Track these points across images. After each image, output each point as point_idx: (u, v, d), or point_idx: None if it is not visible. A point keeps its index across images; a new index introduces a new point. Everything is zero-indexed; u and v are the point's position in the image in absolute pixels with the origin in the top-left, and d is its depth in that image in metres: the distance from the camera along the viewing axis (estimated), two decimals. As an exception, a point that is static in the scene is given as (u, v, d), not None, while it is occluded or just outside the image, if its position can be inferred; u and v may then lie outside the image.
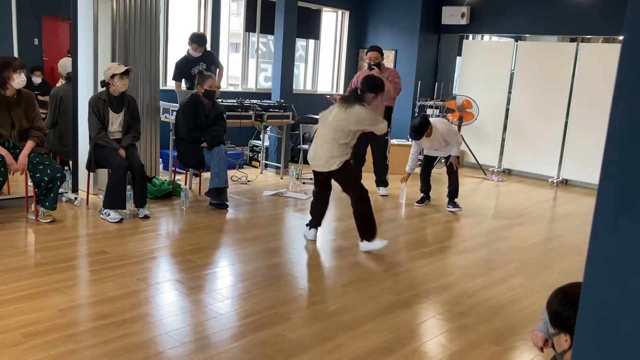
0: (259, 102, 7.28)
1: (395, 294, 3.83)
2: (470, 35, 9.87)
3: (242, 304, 3.51)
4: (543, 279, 4.33)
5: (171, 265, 4.13)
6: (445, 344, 3.18)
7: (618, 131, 0.83)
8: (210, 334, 3.09)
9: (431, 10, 9.57)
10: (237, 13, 9.10)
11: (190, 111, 5.69)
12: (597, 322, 0.87)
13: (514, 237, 5.43)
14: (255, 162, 8.04)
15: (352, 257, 4.53)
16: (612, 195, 0.86)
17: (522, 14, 8.74)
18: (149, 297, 3.52)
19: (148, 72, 6.03)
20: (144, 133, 5.96)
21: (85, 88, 5.62)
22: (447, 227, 5.69)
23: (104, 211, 5.02)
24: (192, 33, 6.83)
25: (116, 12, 5.67)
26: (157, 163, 6.30)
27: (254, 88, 9.14)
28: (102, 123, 5.12)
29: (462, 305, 3.72)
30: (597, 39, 8.71)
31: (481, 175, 8.62)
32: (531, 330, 2.09)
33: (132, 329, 3.07)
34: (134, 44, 5.86)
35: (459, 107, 8.92)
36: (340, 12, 10.14)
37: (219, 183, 5.57)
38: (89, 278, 3.75)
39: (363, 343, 3.10)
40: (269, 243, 4.73)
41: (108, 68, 5.15)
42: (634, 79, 0.79)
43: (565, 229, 5.89)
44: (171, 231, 4.97)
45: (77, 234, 4.67)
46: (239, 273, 4.05)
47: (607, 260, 0.87)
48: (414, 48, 9.58)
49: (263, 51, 9.61)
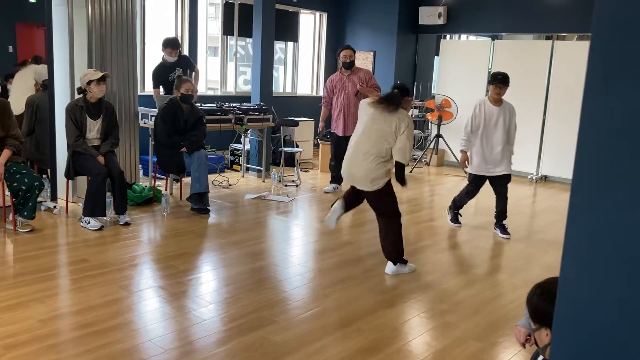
0: (238, 106, 7.25)
1: (379, 294, 3.84)
2: (447, 35, 9.95)
3: (226, 309, 3.49)
4: (525, 275, 4.37)
5: (153, 271, 4.10)
6: (430, 342, 3.20)
7: (590, 127, 0.85)
8: (194, 340, 3.07)
9: (408, 11, 9.63)
10: (215, 17, 9.07)
11: (169, 116, 5.65)
12: (574, 314, 0.88)
13: (494, 234, 5.48)
14: (237, 166, 8.01)
15: (336, 259, 4.53)
16: (586, 190, 0.87)
17: (498, 13, 8.84)
18: (131, 304, 3.49)
19: (125, 77, 5.98)
20: (123, 139, 5.91)
21: (61, 95, 5.55)
22: (429, 226, 5.73)
23: (84, 219, 4.96)
24: (164, 38, 6.79)
25: (91, 18, 5.61)
26: (136, 169, 6.25)
27: (233, 91, 9.11)
28: (80, 130, 5.06)
29: (446, 303, 3.75)
30: (571, 36, 8.84)
31: (461, 173, 8.68)
32: (514, 326, 2.11)
33: (115, 337, 3.03)
34: (111, 49, 5.80)
35: (438, 107, 8.99)
36: (318, 14, 10.15)
37: (200, 188, 5.54)
38: (69, 287, 3.70)
39: (348, 344, 3.11)
40: (252, 247, 4.72)
41: (84, 74, 5.10)
42: (602, 74, 0.81)
43: (545, 225, 5.96)
44: (153, 237, 4.93)
45: (57, 243, 4.61)
46: (222, 278, 4.03)
47: (581, 254, 0.88)
48: (392, 49, 9.63)
49: (242, 54, 9.59)
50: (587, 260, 0.88)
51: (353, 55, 6.76)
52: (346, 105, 6.70)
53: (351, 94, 6.68)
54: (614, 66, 0.82)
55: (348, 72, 6.75)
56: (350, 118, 6.71)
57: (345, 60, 6.71)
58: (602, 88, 0.82)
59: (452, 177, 8.49)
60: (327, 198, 6.54)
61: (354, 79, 6.70)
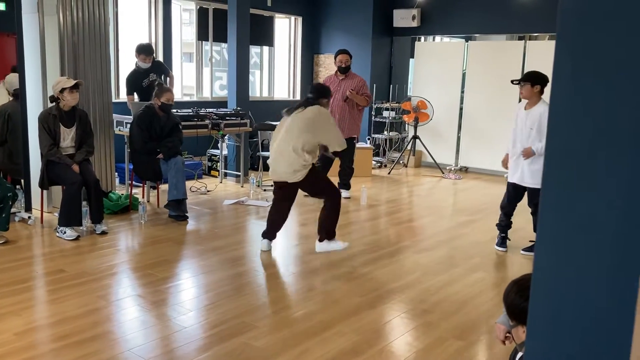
0: (215, 111, 7.22)
1: (360, 296, 3.85)
2: (422, 37, 10.03)
3: (206, 316, 3.47)
4: (503, 273, 4.42)
5: (132, 280, 4.05)
6: (412, 342, 3.21)
7: (558, 125, 0.86)
8: (175, 348, 3.05)
9: (382, 14, 9.69)
10: (189, 22, 9.02)
11: (145, 123, 5.60)
12: (547, 310, 0.89)
13: (473, 233, 5.53)
14: (215, 172, 7.97)
15: (316, 262, 4.53)
16: (556, 188, 0.88)
17: (471, 15, 8.94)
18: (110, 314, 3.44)
19: (99, 84, 5.91)
20: (98, 147, 5.84)
21: (34, 104, 5.47)
22: (408, 227, 5.76)
23: (60, 229, 4.89)
24: (137, 45, 6.73)
25: (63, 26, 5.54)
26: (112, 177, 6.18)
27: (209, 97, 9.06)
28: (54, 139, 4.99)
29: (426, 303, 3.77)
30: (543, 36, 8.98)
31: (439, 174, 8.75)
32: (494, 324, 2.13)
33: (94, 348, 2.99)
34: (84, 57, 5.73)
35: (414, 108, 9.05)
36: (293, 18, 10.16)
37: (178, 195, 5.49)
38: (46, 298, 3.64)
39: (330, 347, 3.11)
40: (231, 252, 4.69)
41: (57, 82, 5.03)
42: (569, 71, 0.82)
43: (523, 222, 6.02)
44: (130, 246, 4.88)
45: (32, 254, 4.53)
46: (202, 284, 4.00)
47: (553, 251, 0.89)
48: (367, 52, 9.67)
49: (217, 59, 9.54)
50: (559, 256, 0.89)
51: (349, 60, 6.77)
52: (335, 108, 6.71)
53: (342, 99, 6.69)
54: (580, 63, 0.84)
55: (342, 76, 6.77)
56: (338, 123, 6.72)
57: (341, 65, 6.72)
58: (569, 85, 0.84)
59: (429, 177, 8.55)
60: (307, 201, 6.54)
61: (348, 84, 6.71)
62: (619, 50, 0.82)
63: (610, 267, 0.86)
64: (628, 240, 0.84)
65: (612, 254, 0.86)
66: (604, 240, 0.87)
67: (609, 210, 0.86)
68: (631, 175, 0.83)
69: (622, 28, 0.81)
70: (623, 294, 0.85)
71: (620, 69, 0.82)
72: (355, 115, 6.83)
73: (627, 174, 0.83)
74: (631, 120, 0.82)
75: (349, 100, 6.61)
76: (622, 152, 0.84)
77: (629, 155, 0.83)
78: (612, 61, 0.82)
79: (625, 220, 0.85)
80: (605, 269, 0.87)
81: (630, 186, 0.83)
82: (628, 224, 0.85)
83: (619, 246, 0.86)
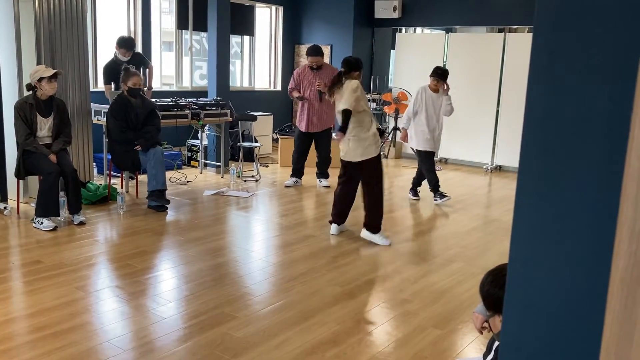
0: (195, 101, 7.16)
1: (340, 286, 3.87)
2: (402, 28, 10.03)
3: (186, 306, 3.46)
4: (482, 262, 4.47)
5: (110, 271, 4.02)
6: (391, 331, 3.24)
7: (534, 114, 0.87)
8: (154, 339, 3.04)
9: (364, 5, 9.67)
10: (169, 11, 8.91)
11: (120, 112, 5.53)
12: (522, 299, 0.91)
13: (452, 224, 5.58)
14: (195, 162, 7.92)
15: (296, 253, 4.54)
16: (531, 179, 0.90)
17: (451, 6, 8.96)
18: (88, 305, 3.41)
19: (77, 73, 5.83)
20: (76, 137, 5.76)
21: (9, 93, 5.37)
22: (387, 218, 5.78)
23: (37, 219, 4.83)
24: (119, 37, 6.61)
25: (39, 13, 5.44)
26: (90, 167, 6.10)
27: (189, 86, 8.98)
28: (30, 128, 4.91)
29: (406, 292, 3.80)
30: (523, 29, 9.04)
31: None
32: (472, 313, 2.15)
33: (72, 339, 2.97)
34: (61, 45, 5.64)
35: (395, 100, 9.07)
36: (274, 7, 10.10)
37: (157, 185, 5.45)
38: (23, 289, 3.60)
39: (309, 337, 3.12)
40: (211, 243, 4.68)
41: (35, 71, 4.94)
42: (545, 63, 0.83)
43: (501, 213, 6.10)
44: (109, 236, 4.83)
45: (9, 245, 4.47)
46: (181, 275, 3.99)
47: (528, 241, 0.91)
48: (348, 42, 9.66)
49: (197, 49, 9.45)
50: (534, 246, 0.90)
51: (321, 61, 6.71)
52: (311, 101, 6.69)
53: (316, 92, 6.66)
54: (555, 58, 0.85)
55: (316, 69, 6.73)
56: (314, 114, 6.71)
57: (312, 66, 6.67)
58: (545, 79, 0.85)
59: (410, 169, 8.59)
60: (288, 192, 6.53)
61: (321, 77, 6.68)
62: (592, 46, 0.83)
63: (584, 257, 0.88)
64: (602, 230, 0.86)
65: (587, 244, 0.88)
66: (579, 231, 0.88)
67: (583, 201, 0.88)
68: (605, 166, 0.85)
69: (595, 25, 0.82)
70: (596, 282, 0.87)
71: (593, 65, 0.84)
72: (332, 106, 6.80)
73: (602, 165, 0.85)
74: (605, 113, 0.84)
75: (322, 95, 6.58)
76: (596, 143, 0.85)
77: (604, 147, 0.84)
78: (586, 56, 0.83)
79: (599, 210, 0.86)
80: (579, 259, 0.88)
81: (604, 177, 0.85)
82: (602, 214, 0.86)
83: (593, 236, 0.87)
